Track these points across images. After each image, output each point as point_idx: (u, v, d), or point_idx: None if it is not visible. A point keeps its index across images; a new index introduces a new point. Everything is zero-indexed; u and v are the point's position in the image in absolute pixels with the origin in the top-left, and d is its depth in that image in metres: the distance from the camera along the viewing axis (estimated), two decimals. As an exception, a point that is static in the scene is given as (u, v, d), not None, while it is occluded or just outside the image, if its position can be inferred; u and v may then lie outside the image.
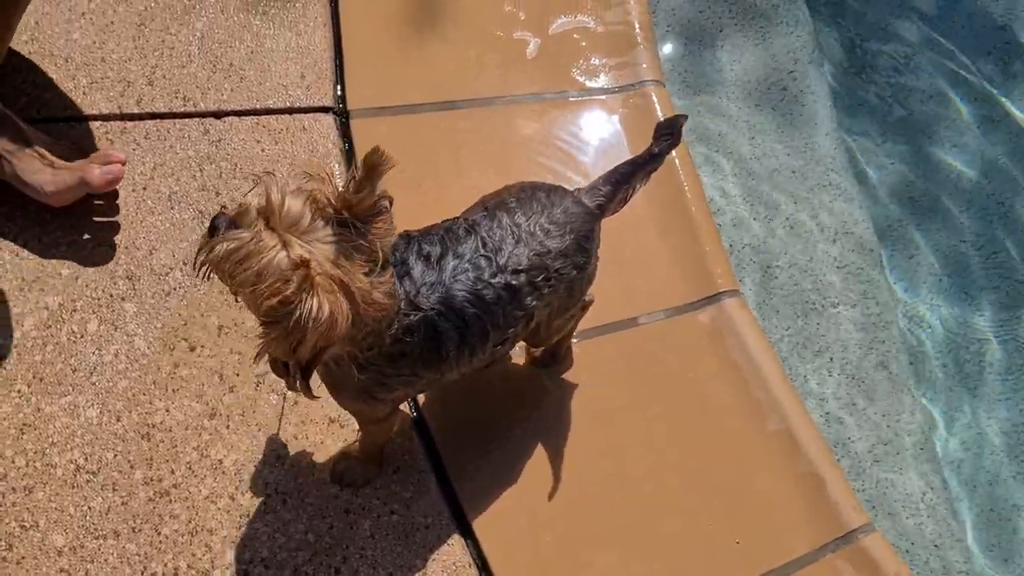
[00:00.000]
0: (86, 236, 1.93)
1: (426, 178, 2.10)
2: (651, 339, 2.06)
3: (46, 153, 1.86)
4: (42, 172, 1.85)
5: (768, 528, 1.94)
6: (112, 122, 2.05)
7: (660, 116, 2.24)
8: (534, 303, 1.55)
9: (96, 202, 1.96)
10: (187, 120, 2.09)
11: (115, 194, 1.97)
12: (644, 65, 2.33)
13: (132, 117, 2.06)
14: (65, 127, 1.99)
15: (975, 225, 2.75)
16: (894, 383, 2.38)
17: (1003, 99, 2.94)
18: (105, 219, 1.96)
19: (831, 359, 2.39)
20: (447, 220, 1.56)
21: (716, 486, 1.96)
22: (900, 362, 2.42)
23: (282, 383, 1.85)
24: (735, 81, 2.67)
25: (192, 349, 1.88)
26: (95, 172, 1.85)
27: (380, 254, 1.29)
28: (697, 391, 2.04)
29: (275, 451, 1.81)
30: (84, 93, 2.05)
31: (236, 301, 1.72)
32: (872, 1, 3.02)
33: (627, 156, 2.19)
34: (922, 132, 2.86)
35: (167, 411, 1.82)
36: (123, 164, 1.89)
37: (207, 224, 1.29)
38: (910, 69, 2.94)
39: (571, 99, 2.29)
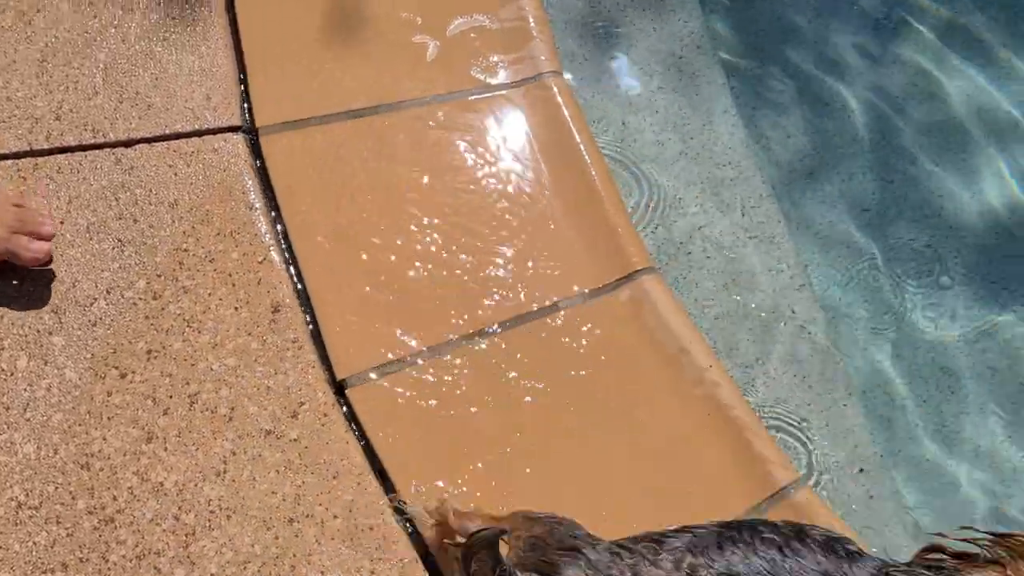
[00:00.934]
0: (8, 276, 1.93)
1: (340, 189, 2.14)
2: (572, 323, 2.11)
3: None
4: None
5: (704, 493, 1.99)
6: (23, 159, 2.06)
7: (562, 105, 2.31)
8: None
9: None
10: (98, 151, 2.10)
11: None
12: (543, 57, 2.38)
13: (43, 153, 2.07)
14: (-25, 169, 1.99)
15: (876, 188, 2.86)
16: (813, 344, 2.46)
17: (893, 64, 3.06)
18: (40, 268, 1.95)
19: (750, 329, 2.46)
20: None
21: (650, 459, 2.01)
22: (817, 324, 2.50)
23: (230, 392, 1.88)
24: (631, 69, 2.74)
25: (123, 376, 1.89)
26: (24, 249, 1.84)
27: None
28: (624, 368, 2.09)
29: (214, 468, 1.84)
30: (-9, 134, 2.06)
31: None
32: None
33: (534, 147, 2.26)
34: (817, 103, 2.96)
35: (104, 439, 1.84)
36: (51, 238, 1.88)
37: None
38: (802, 44, 3.04)
39: (473, 97, 2.33)
